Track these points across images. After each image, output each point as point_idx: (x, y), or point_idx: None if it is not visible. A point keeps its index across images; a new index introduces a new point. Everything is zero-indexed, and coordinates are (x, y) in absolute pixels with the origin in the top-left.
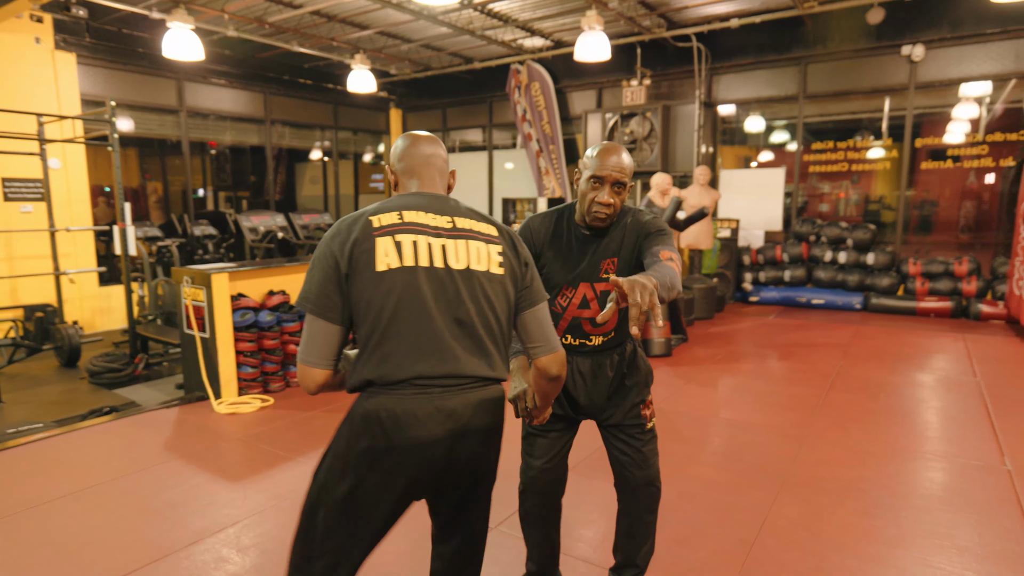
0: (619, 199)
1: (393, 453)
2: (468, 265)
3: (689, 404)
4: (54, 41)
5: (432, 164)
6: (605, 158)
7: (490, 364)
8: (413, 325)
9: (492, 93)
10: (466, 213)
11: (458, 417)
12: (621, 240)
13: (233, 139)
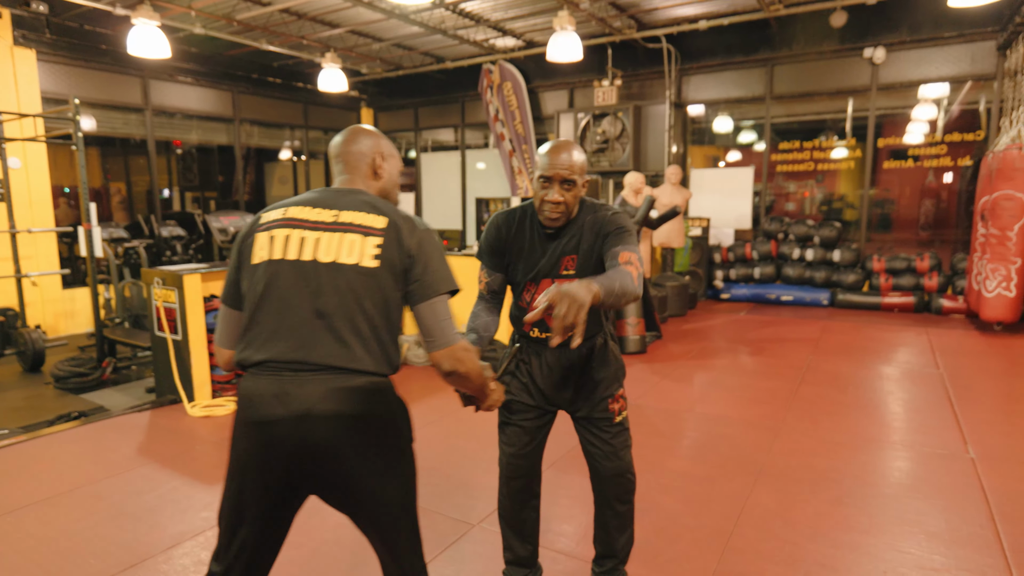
0: (570, 195)
1: (247, 429)
2: (336, 258)
3: (664, 399)
4: (12, 37)
5: (347, 159)
6: (553, 157)
7: (350, 355)
8: (274, 314)
9: (464, 93)
10: (358, 206)
11: (301, 401)
12: (580, 236)
13: (200, 138)
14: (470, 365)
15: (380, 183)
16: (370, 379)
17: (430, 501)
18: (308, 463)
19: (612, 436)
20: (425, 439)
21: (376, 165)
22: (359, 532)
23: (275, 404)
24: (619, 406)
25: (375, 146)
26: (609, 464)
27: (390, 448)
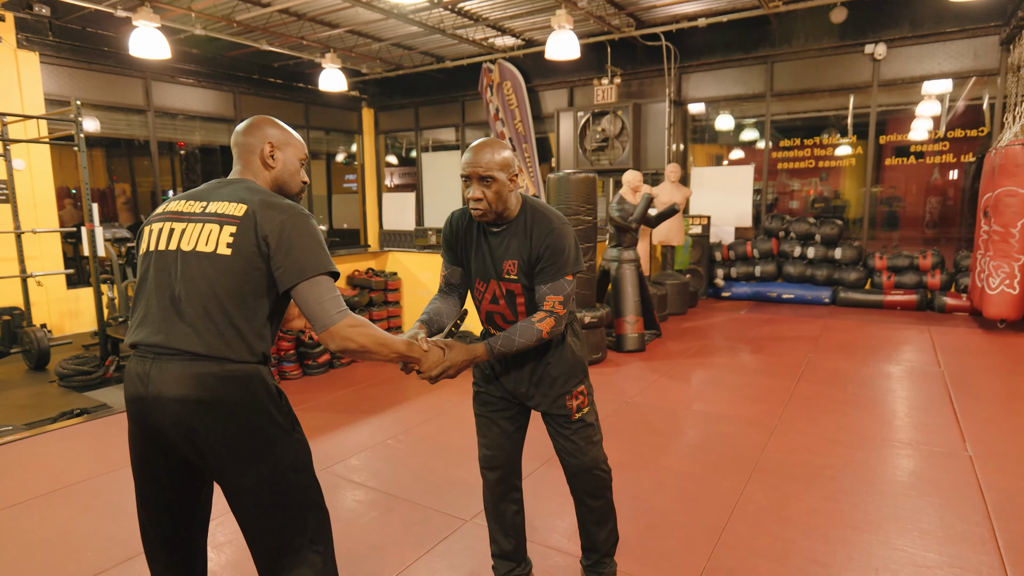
0: (490, 192)
1: (126, 406)
2: (195, 247)
3: (662, 397)
4: (16, 40)
5: (238, 149)
6: (470, 155)
7: (201, 341)
8: (144, 301)
9: (464, 92)
10: (227, 196)
11: (151, 383)
12: (520, 242)
13: (203, 139)
14: (361, 340)
15: (273, 172)
16: (224, 366)
17: (423, 497)
18: (166, 443)
19: (572, 432)
20: (419, 436)
21: (265, 155)
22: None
23: (138, 384)
24: (578, 403)
25: (265, 136)
26: (573, 460)
27: (250, 436)
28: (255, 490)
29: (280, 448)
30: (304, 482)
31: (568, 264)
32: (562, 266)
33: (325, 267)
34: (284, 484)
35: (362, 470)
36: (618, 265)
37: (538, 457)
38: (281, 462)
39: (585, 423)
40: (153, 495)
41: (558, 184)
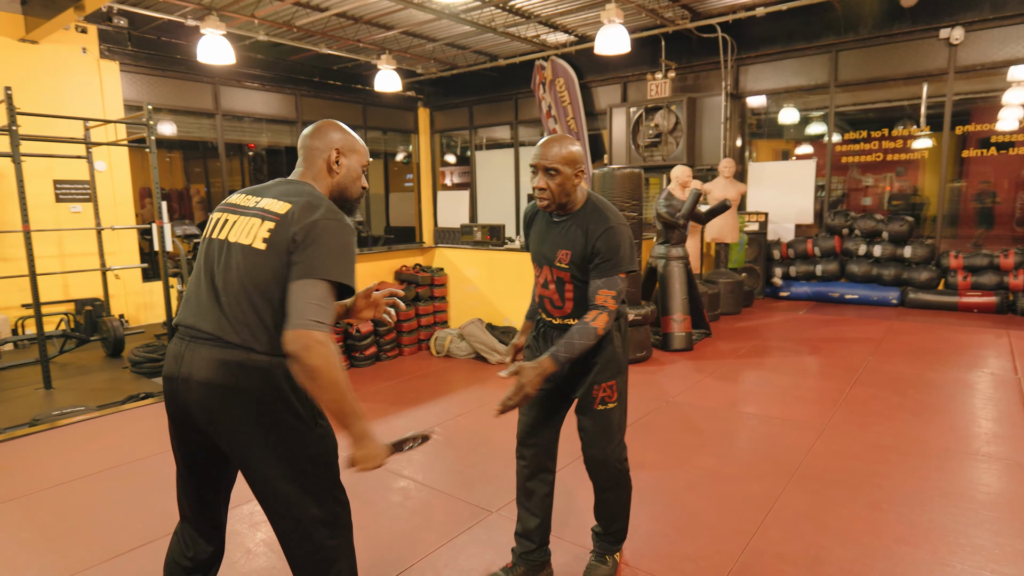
0: (553, 183)
1: (162, 382)
2: (239, 239)
3: (705, 397)
4: (99, 50)
5: (305, 153)
6: (538, 149)
7: (231, 329)
8: (192, 285)
9: (518, 90)
10: (278, 195)
11: (183, 364)
12: (576, 234)
13: (267, 140)
14: (319, 360)
15: (336, 179)
16: (249, 355)
17: (453, 487)
18: (192, 422)
19: (591, 422)
20: (457, 428)
21: (331, 161)
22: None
23: (172, 364)
24: (604, 395)
25: (332, 142)
26: (588, 449)
27: (268, 426)
28: (273, 478)
29: (301, 440)
30: (324, 475)
31: (622, 262)
32: (616, 263)
33: (333, 275)
34: (304, 475)
35: (396, 459)
36: (665, 262)
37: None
38: (301, 453)
39: (606, 417)
40: (183, 465)
41: (603, 180)
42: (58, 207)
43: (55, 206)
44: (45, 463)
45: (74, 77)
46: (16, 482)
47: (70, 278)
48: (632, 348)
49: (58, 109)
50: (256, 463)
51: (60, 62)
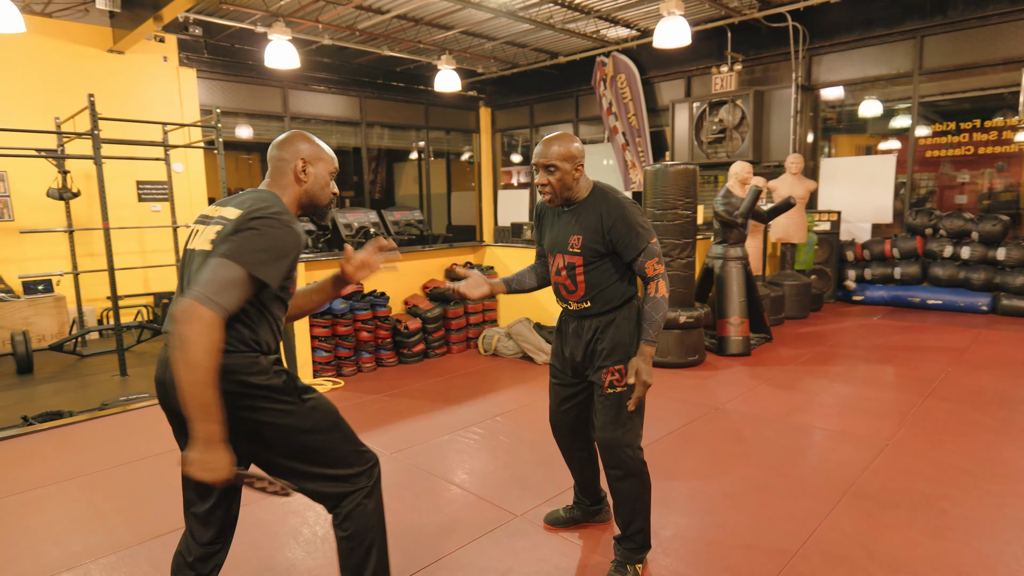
0: (554, 179)
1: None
2: (199, 246)
3: (757, 405)
4: (178, 59)
5: (272, 163)
6: (538, 148)
7: None
8: (176, 293)
9: (578, 87)
10: (238, 203)
11: (167, 369)
12: (588, 219)
13: (334, 142)
14: (192, 334)
15: (304, 187)
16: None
17: (481, 488)
18: (182, 423)
19: (600, 405)
20: (494, 428)
21: (298, 170)
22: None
23: (160, 368)
24: (613, 378)
25: (298, 151)
26: (599, 434)
27: (253, 417)
28: (284, 462)
29: (290, 422)
30: (330, 438)
31: (646, 230)
32: (641, 234)
33: (249, 264)
34: (310, 446)
35: (425, 457)
36: (723, 263)
37: None
38: (297, 432)
39: (615, 400)
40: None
41: (655, 176)
42: (140, 206)
43: (137, 205)
44: (107, 445)
45: (156, 84)
46: (78, 462)
47: (150, 272)
48: (683, 352)
49: (141, 114)
50: (260, 454)
51: (143, 70)
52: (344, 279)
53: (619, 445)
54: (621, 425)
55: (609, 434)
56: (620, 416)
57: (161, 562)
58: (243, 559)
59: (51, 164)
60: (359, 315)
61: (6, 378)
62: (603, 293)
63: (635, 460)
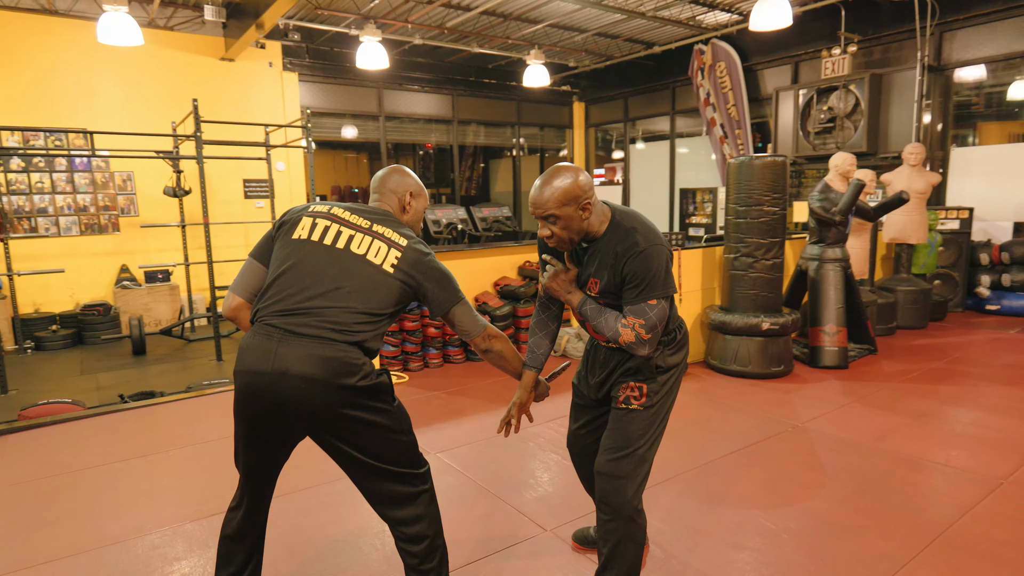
0: (557, 227)
1: (236, 377)
2: (365, 254)
3: (844, 425)
4: (282, 64)
5: (382, 192)
6: (532, 198)
7: (339, 329)
8: (295, 281)
9: (675, 78)
10: (388, 224)
11: (281, 360)
12: (603, 260)
13: (427, 139)
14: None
15: (407, 216)
16: (340, 347)
17: (514, 497)
18: (286, 414)
19: (612, 422)
20: (545, 435)
21: (404, 201)
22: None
23: (259, 359)
24: (628, 394)
25: (405, 185)
26: (600, 458)
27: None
28: (376, 466)
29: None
30: (411, 439)
31: (654, 287)
32: (645, 289)
33: (461, 297)
34: (399, 447)
35: (468, 459)
36: (818, 265)
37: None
38: (390, 432)
39: (626, 419)
40: (245, 458)
41: (738, 171)
42: (246, 203)
43: (243, 202)
44: (187, 425)
45: (262, 89)
46: (161, 439)
47: None
48: (766, 361)
49: (249, 117)
50: (363, 455)
51: (251, 76)
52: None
53: (617, 476)
54: (628, 455)
55: (611, 460)
56: (627, 439)
57: (199, 542)
58: None
59: (167, 164)
60: (427, 310)
61: (123, 358)
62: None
63: (630, 502)
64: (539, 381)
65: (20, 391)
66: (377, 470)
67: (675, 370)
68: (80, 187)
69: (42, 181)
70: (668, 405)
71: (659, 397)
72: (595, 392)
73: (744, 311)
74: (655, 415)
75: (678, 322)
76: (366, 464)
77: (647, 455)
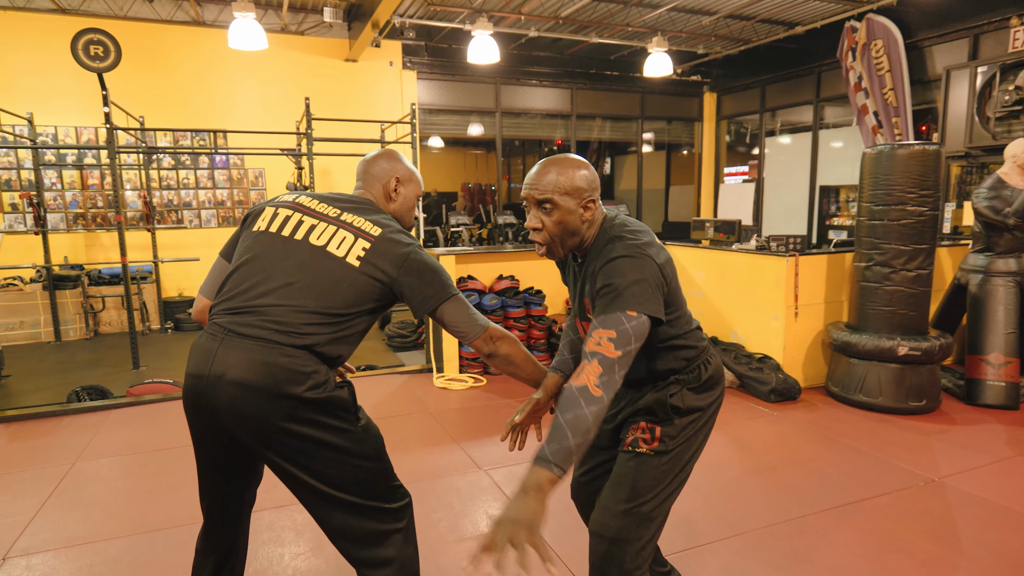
0: (550, 219)
1: (185, 379)
2: (325, 246)
3: (1001, 487)
4: (401, 63)
5: (365, 178)
6: (530, 175)
7: (284, 330)
8: (248, 277)
9: (820, 62)
10: (361, 212)
11: (220, 363)
12: (592, 272)
13: (541, 135)
14: (505, 347)
15: (394, 205)
16: (284, 351)
17: (552, 532)
18: (222, 422)
19: (616, 467)
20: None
21: (389, 188)
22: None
23: (202, 361)
24: (641, 435)
25: (391, 170)
26: (598, 514)
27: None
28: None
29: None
30: (378, 467)
31: (628, 296)
32: (619, 295)
33: (454, 291)
34: (359, 474)
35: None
36: (983, 279)
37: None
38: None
39: (632, 464)
40: (203, 477)
41: (875, 162)
42: None
43: None
44: None
45: (383, 87)
46: None
47: None
48: (901, 394)
49: (370, 115)
50: (309, 481)
51: (372, 75)
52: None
53: (614, 539)
54: (629, 512)
55: (609, 517)
56: (632, 488)
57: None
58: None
59: (291, 161)
60: (511, 312)
61: None
62: (640, 366)
63: (628, 572)
64: (563, 389)
65: (149, 368)
66: (334, 500)
67: (700, 414)
68: (218, 183)
69: (188, 178)
70: (689, 456)
71: (676, 444)
72: (605, 428)
73: (876, 331)
74: (670, 465)
75: (705, 355)
76: (320, 492)
77: (654, 513)
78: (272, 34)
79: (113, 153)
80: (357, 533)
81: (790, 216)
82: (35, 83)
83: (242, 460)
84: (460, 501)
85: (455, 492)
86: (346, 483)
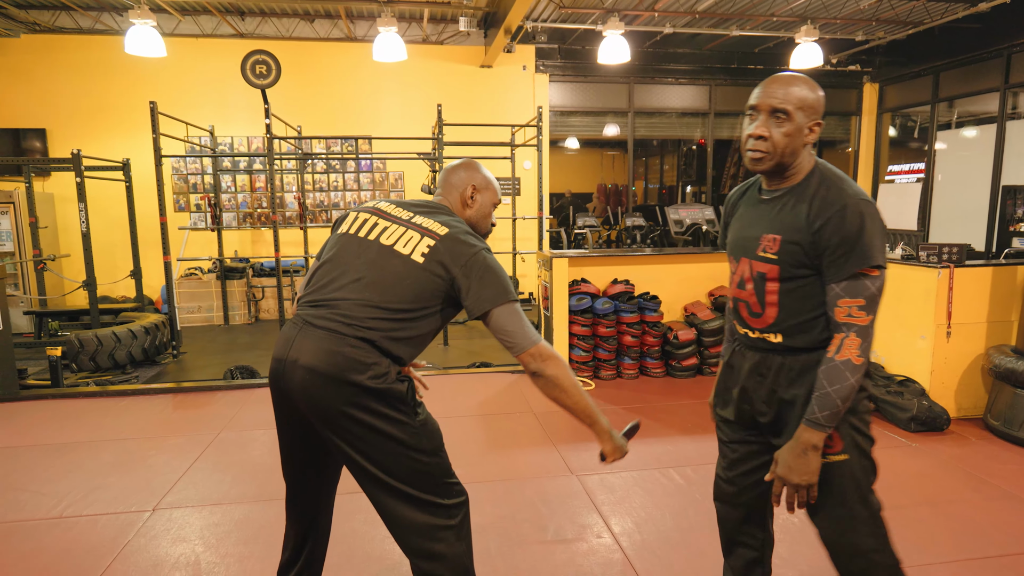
0: (779, 131)
1: (271, 362)
2: (393, 244)
3: None
4: (534, 66)
5: (444, 186)
6: (767, 86)
7: (348, 322)
8: (327, 273)
9: (1010, 42)
10: (431, 214)
11: (296, 349)
12: (796, 212)
13: (675, 134)
14: (550, 367)
15: (470, 212)
16: (352, 342)
17: (632, 545)
18: (292, 403)
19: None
20: (705, 476)
21: (466, 196)
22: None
23: (282, 346)
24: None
25: (469, 179)
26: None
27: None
28: (385, 483)
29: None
30: (433, 460)
31: (872, 251)
32: (861, 254)
33: (513, 297)
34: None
35: (602, 489)
36: None
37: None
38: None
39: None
40: (287, 460)
41: None
42: None
43: None
44: None
45: (517, 91)
46: None
47: None
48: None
49: (504, 119)
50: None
51: (507, 80)
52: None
53: (857, 553)
54: (842, 503)
55: (833, 524)
56: (842, 493)
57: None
58: None
59: (426, 164)
60: (624, 317)
61: None
62: (804, 324)
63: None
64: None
65: None
66: (388, 487)
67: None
68: (363, 185)
69: (337, 180)
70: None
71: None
72: (745, 413)
73: None
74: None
75: None
76: (376, 478)
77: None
78: (413, 45)
79: (271, 159)
80: (410, 523)
81: (965, 220)
82: (217, 98)
83: (314, 438)
84: (546, 504)
85: (543, 494)
86: (401, 473)
